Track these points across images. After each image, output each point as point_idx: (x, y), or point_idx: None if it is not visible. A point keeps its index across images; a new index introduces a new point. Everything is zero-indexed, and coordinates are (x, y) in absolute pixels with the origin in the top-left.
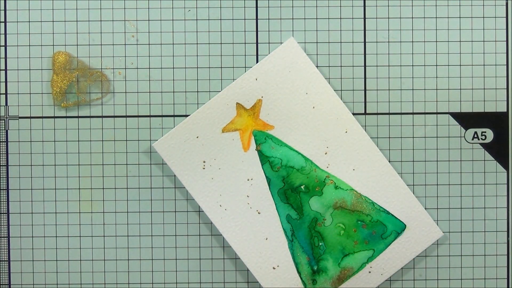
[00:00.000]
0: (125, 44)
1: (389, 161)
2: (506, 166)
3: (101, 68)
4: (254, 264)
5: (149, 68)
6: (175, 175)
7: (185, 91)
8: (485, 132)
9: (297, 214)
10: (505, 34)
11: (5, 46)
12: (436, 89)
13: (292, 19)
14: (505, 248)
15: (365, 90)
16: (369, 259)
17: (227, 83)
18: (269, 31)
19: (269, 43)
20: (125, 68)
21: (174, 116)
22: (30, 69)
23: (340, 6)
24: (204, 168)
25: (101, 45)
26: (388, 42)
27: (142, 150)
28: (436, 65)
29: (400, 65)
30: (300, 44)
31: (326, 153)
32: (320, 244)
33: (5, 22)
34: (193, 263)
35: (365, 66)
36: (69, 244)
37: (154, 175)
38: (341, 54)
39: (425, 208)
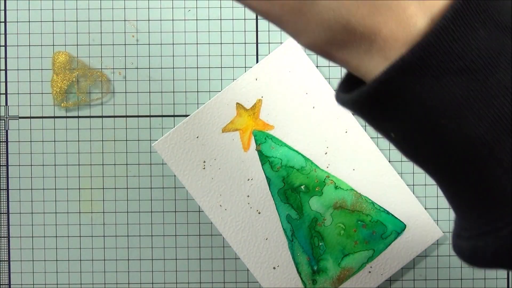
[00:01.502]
0: (125, 44)
1: (389, 161)
2: None
3: (101, 68)
4: (254, 264)
5: (149, 68)
6: (175, 175)
7: (185, 91)
8: None
9: (297, 214)
10: None
11: (5, 46)
12: None
13: None
14: None
15: None
16: (369, 259)
17: (227, 83)
18: (269, 31)
19: (269, 43)
20: (125, 68)
21: (174, 116)
22: (30, 69)
23: None
24: (204, 168)
25: (101, 45)
26: None
27: (142, 150)
28: None
29: None
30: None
31: (326, 153)
32: (320, 244)
33: (5, 22)
34: (193, 263)
35: None
36: (69, 244)
37: (154, 175)
38: None
39: (425, 208)
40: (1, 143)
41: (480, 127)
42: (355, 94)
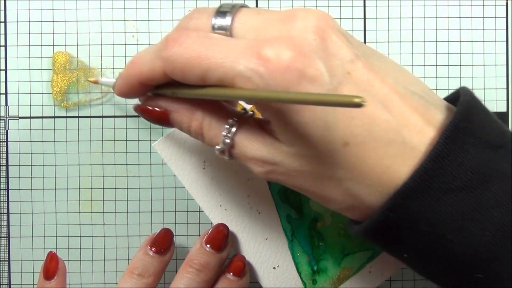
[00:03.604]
0: (125, 44)
1: None
2: None
3: (101, 68)
4: (254, 264)
5: None
6: (175, 175)
7: None
8: None
9: (297, 214)
10: (505, 34)
11: (5, 46)
12: (436, 89)
13: None
14: None
15: None
16: (369, 259)
17: None
18: None
19: None
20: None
21: None
22: (30, 69)
23: (340, 6)
24: (204, 168)
25: (101, 45)
26: (388, 42)
27: (142, 150)
28: (436, 65)
29: (400, 65)
30: None
31: None
32: (320, 244)
33: (5, 22)
34: None
35: None
36: (69, 244)
37: (154, 175)
38: None
39: None
40: (1, 143)
41: (484, 237)
42: (366, 224)
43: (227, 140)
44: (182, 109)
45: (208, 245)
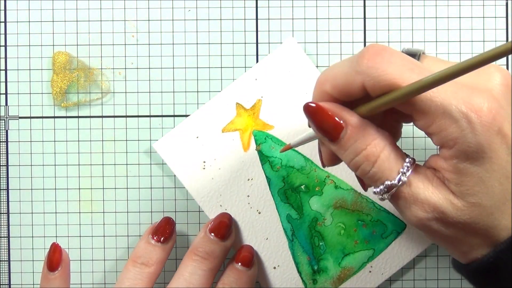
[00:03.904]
0: (125, 44)
1: None
2: None
3: (101, 68)
4: None
5: (149, 68)
6: (175, 175)
7: (185, 91)
8: None
9: (297, 214)
10: (505, 34)
11: (5, 46)
12: None
13: (292, 19)
14: None
15: None
16: (369, 259)
17: (227, 83)
18: (269, 31)
19: (269, 43)
20: (125, 68)
21: (174, 116)
22: (30, 69)
23: (340, 6)
24: (204, 168)
25: (101, 45)
26: (388, 42)
27: (142, 150)
28: None
29: None
30: (300, 44)
31: None
32: (321, 244)
33: (5, 22)
34: None
35: None
36: (69, 244)
37: (154, 175)
38: (341, 54)
39: None
40: (1, 143)
41: None
42: (476, 264)
43: (404, 178)
44: (365, 130)
45: (212, 234)
